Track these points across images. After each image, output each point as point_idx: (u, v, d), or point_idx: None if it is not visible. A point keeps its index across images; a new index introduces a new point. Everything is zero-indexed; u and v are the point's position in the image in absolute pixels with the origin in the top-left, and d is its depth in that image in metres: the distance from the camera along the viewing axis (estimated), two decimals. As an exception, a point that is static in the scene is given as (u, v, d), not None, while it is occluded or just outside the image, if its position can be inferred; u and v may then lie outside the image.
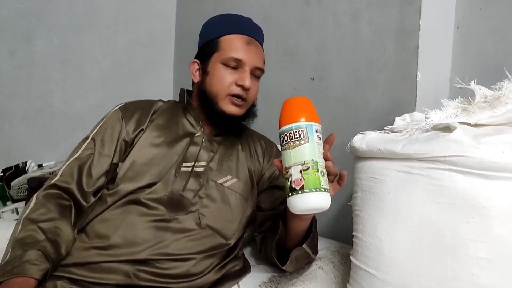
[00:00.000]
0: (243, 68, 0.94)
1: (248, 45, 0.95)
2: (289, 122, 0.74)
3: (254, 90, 0.97)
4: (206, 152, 0.97)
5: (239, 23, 1.00)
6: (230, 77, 0.94)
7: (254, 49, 0.96)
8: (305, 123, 0.73)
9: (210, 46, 0.98)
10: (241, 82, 0.93)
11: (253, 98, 0.99)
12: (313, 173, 0.70)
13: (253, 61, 0.95)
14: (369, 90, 1.21)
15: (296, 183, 0.71)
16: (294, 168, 0.71)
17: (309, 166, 0.71)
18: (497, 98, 0.78)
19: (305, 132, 0.72)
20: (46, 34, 1.86)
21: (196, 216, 0.90)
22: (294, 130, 0.73)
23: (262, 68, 0.98)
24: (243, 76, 0.93)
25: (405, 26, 1.11)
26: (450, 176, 0.72)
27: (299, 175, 0.70)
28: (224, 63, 0.94)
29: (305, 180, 0.70)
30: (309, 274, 0.96)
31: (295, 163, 0.71)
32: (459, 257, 0.69)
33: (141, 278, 0.81)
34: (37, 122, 1.87)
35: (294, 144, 0.72)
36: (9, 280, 0.71)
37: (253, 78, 0.96)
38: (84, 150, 0.92)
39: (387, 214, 0.79)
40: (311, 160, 0.71)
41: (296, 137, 0.72)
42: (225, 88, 0.94)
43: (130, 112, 0.98)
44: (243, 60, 0.93)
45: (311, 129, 0.73)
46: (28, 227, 0.79)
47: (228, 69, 0.94)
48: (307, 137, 0.72)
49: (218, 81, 0.94)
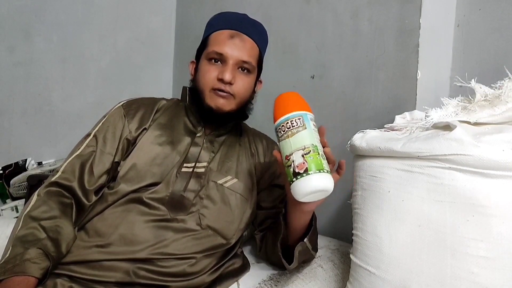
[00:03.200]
0: (226, 62, 0.93)
1: (231, 38, 0.94)
2: (284, 113, 0.76)
3: (241, 85, 0.94)
4: (207, 153, 0.97)
5: (228, 19, 0.99)
6: (214, 72, 0.93)
7: (239, 43, 0.94)
8: (300, 112, 0.76)
9: (202, 45, 1.00)
10: (220, 76, 0.92)
11: (241, 93, 0.95)
12: (315, 155, 0.72)
13: (236, 55, 0.93)
14: (369, 88, 1.21)
15: (299, 167, 0.72)
16: (296, 154, 0.73)
17: (310, 149, 0.72)
18: (497, 97, 0.78)
19: (302, 120, 0.75)
20: (45, 32, 1.86)
21: (196, 217, 0.90)
22: (291, 119, 0.75)
23: (248, 61, 0.95)
24: (224, 70, 0.92)
25: (406, 24, 1.11)
26: (450, 174, 0.72)
27: (302, 159, 0.72)
28: (208, 58, 0.95)
29: (308, 162, 0.71)
30: (309, 272, 0.96)
31: (296, 149, 0.73)
32: (459, 256, 0.69)
33: (140, 276, 0.81)
34: (37, 120, 1.87)
35: (293, 132, 0.74)
36: (9, 278, 0.71)
37: (240, 72, 0.95)
38: (86, 147, 0.92)
39: (387, 213, 0.79)
40: (311, 144, 0.73)
41: (294, 125, 0.74)
42: (208, 83, 0.93)
43: (133, 110, 0.97)
44: (224, 54, 0.93)
45: (306, 117, 0.76)
46: (29, 225, 0.79)
47: (212, 64, 0.94)
48: (304, 124, 0.74)
49: (203, 77, 0.95)
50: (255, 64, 0.98)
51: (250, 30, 0.98)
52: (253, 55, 0.97)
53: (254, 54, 0.97)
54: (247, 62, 0.95)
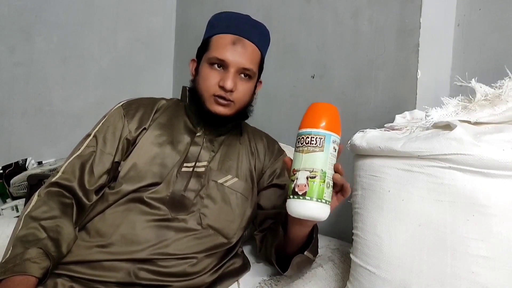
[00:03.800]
0: (228, 69, 0.91)
1: (234, 45, 0.92)
2: (309, 126, 0.73)
3: (241, 91, 0.93)
4: (207, 152, 0.97)
5: (230, 21, 0.97)
6: (215, 78, 0.92)
7: (241, 49, 0.93)
8: (325, 132, 0.72)
9: (203, 45, 0.98)
10: (222, 84, 0.90)
11: (241, 99, 0.94)
12: (319, 182, 0.70)
13: (238, 62, 0.91)
14: (369, 88, 1.21)
15: (299, 187, 0.70)
16: (302, 173, 0.71)
17: (316, 174, 0.70)
18: (497, 96, 0.78)
19: (322, 140, 0.71)
20: (46, 32, 1.86)
21: (197, 216, 0.90)
22: (312, 136, 0.72)
23: (250, 68, 0.93)
24: (225, 77, 0.91)
25: (406, 24, 1.11)
26: (450, 174, 0.72)
27: (305, 181, 0.70)
28: (210, 63, 0.93)
29: (309, 187, 0.70)
30: (309, 272, 0.96)
31: (304, 168, 0.71)
32: (459, 255, 0.69)
33: (141, 277, 0.81)
34: (37, 120, 1.87)
35: (308, 149, 0.71)
36: (9, 278, 0.71)
37: (241, 79, 0.93)
38: (86, 147, 0.92)
39: (387, 212, 0.79)
40: (320, 170, 0.70)
41: (312, 143, 0.71)
42: (209, 89, 0.92)
43: (133, 110, 0.97)
44: (226, 61, 0.91)
45: (329, 139, 0.72)
46: (30, 225, 0.79)
47: (214, 69, 0.93)
48: (323, 146, 0.71)
49: (203, 81, 0.93)
50: (256, 69, 0.97)
51: (252, 33, 0.96)
52: (255, 60, 0.96)
53: (255, 59, 0.96)
54: (249, 69, 0.94)
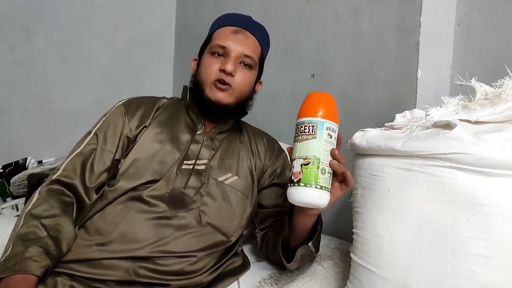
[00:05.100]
0: (229, 55, 0.94)
1: (235, 33, 0.96)
2: (303, 115, 0.76)
3: (241, 78, 0.95)
4: (207, 150, 0.97)
5: (232, 17, 1.02)
6: (216, 65, 0.94)
7: (242, 38, 0.96)
8: (317, 119, 0.74)
9: (205, 42, 1.02)
10: (222, 67, 0.93)
11: (240, 86, 0.95)
12: (313, 169, 0.71)
13: (239, 48, 0.94)
14: (369, 87, 1.21)
15: (295, 175, 0.73)
16: (297, 161, 0.73)
17: (310, 161, 0.72)
18: (497, 96, 0.78)
19: (315, 128, 0.73)
20: (46, 31, 1.86)
21: (197, 214, 0.90)
22: (305, 124, 0.74)
23: (250, 55, 0.96)
24: (226, 61, 0.93)
25: (406, 23, 1.11)
26: (450, 173, 0.72)
27: (299, 168, 0.72)
28: (211, 52, 0.96)
29: (303, 174, 0.71)
30: (309, 271, 0.96)
31: (299, 156, 0.73)
32: (459, 254, 0.69)
33: (140, 275, 0.81)
34: (37, 119, 1.87)
35: (302, 138, 0.74)
36: (10, 276, 0.71)
37: (242, 67, 0.96)
38: (86, 145, 0.92)
39: (387, 211, 0.79)
40: (313, 156, 0.72)
41: (305, 131, 0.74)
42: (210, 75, 0.94)
43: (133, 108, 0.98)
44: (227, 47, 0.94)
45: (322, 126, 0.73)
46: (30, 223, 0.79)
47: (215, 57, 0.95)
48: (316, 133, 0.73)
49: (205, 69, 0.96)
50: (257, 60, 0.99)
51: (254, 29, 1.00)
52: (256, 51, 0.99)
53: (256, 50, 0.99)
54: (249, 57, 0.96)
